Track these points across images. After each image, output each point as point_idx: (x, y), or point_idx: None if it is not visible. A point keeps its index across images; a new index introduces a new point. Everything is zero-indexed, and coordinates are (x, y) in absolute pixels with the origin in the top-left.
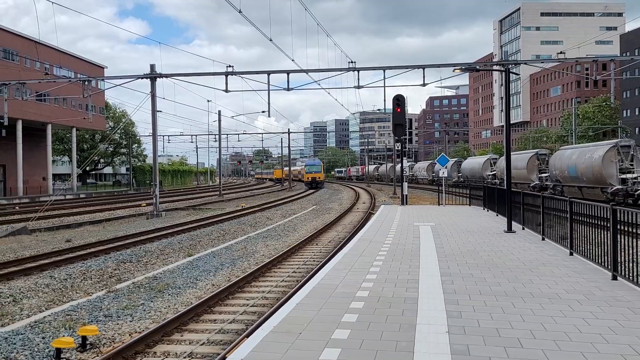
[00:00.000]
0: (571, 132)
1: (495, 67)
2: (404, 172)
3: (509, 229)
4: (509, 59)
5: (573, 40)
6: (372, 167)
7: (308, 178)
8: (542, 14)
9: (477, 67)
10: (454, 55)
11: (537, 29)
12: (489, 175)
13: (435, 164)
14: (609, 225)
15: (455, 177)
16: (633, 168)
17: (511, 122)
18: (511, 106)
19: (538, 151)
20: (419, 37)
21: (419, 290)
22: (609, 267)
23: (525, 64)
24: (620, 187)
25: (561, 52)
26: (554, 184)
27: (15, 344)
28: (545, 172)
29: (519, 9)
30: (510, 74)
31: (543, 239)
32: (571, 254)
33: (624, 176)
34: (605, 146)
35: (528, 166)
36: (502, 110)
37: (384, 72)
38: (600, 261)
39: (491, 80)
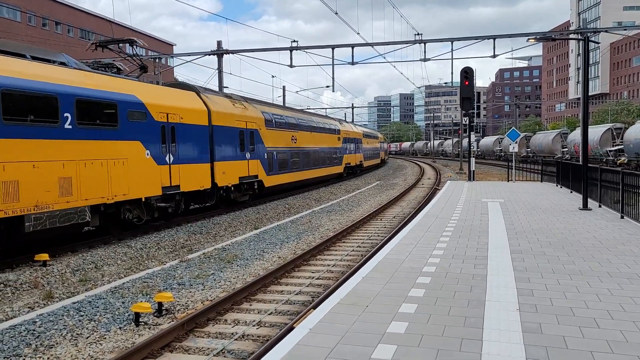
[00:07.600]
0: None
1: (572, 36)
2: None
3: (585, 207)
4: (588, 26)
5: None
6: (421, 143)
7: None
8: None
9: (553, 36)
10: (529, 24)
11: None
12: (498, 149)
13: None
14: None
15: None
16: (567, 144)
17: (589, 94)
18: (589, 77)
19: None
20: (494, 7)
21: (488, 267)
22: None
23: (607, 31)
24: (559, 155)
25: None
26: (533, 155)
27: (98, 307)
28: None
29: None
30: (589, 43)
31: (622, 217)
32: None
33: (563, 149)
34: (554, 133)
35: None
36: (578, 82)
37: (452, 43)
38: None
39: (567, 50)
